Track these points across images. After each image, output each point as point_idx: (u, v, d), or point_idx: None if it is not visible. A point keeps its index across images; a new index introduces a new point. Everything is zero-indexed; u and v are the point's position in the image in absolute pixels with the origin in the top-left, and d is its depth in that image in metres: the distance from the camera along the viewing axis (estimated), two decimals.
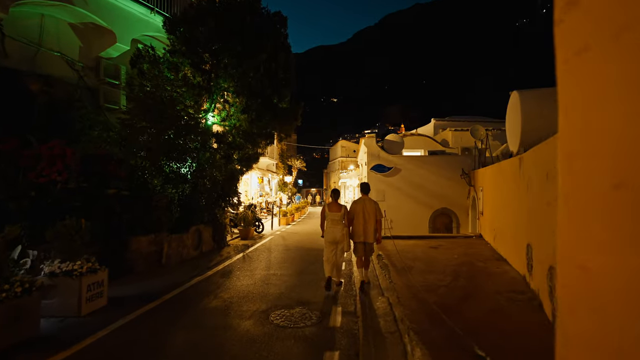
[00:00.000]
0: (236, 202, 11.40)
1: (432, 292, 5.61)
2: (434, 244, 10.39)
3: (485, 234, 10.62)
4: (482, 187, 11.28)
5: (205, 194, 9.87)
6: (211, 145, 9.58)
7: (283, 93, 10.38)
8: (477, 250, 9.09)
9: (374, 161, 14.43)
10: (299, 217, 23.36)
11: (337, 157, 44.65)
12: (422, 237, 11.72)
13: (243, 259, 9.28)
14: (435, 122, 21.91)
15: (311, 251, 10.42)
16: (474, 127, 15.70)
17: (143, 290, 6.34)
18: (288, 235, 14.34)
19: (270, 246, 11.32)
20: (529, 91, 7.13)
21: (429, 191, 14.28)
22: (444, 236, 11.93)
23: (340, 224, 6.36)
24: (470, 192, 13.69)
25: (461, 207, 14.13)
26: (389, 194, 14.34)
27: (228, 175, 10.48)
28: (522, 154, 6.36)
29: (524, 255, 6.01)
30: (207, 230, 10.25)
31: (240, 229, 13.03)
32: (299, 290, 6.27)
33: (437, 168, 14.33)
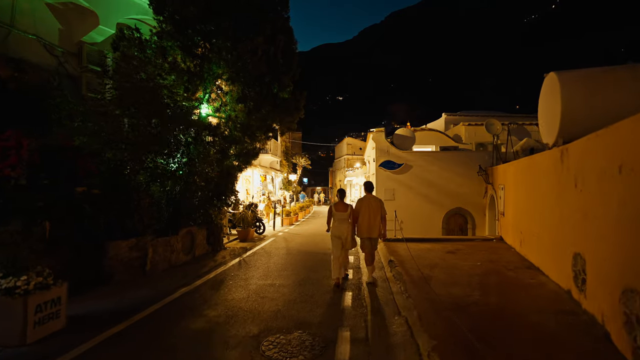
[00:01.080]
0: (233, 201, 10.46)
1: (461, 311, 4.61)
2: (451, 247, 9.37)
3: (508, 237, 9.57)
4: (503, 185, 10.22)
5: (198, 193, 8.94)
6: (204, 138, 8.64)
7: (283, 81, 9.41)
8: (502, 256, 8.05)
9: (383, 157, 13.42)
10: (303, 216, 22.42)
11: (342, 154, 43.60)
12: (436, 240, 10.69)
13: (239, 265, 8.34)
14: (447, 117, 20.82)
15: (314, 255, 9.45)
16: (489, 121, 14.69)
17: (117, 304, 5.41)
18: (290, 237, 13.38)
19: (270, 250, 10.37)
20: (570, 72, 6.08)
21: (442, 189, 13.24)
22: (460, 239, 10.89)
23: (347, 223, 6.63)
24: (487, 190, 12.63)
25: (477, 206, 13.08)
26: (399, 193, 13.33)
27: (224, 172, 9.55)
28: (567, 145, 5.32)
29: (569, 266, 4.99)
30: (200, 233, 9.32)
31: (239, 230, 12.10)
32: (299, 306, 5.30)
33: (451, 164, 13.29)
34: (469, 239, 10.76)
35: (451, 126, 20.28)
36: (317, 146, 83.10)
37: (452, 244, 10.04)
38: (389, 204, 13.77)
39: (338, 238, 6.56)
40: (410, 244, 9.83)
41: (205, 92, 8.83)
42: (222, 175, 9.45)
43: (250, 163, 10.92)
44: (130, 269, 6.88)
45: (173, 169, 7.83)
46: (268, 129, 10.04)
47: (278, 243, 11.68)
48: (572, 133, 5.78)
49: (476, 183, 12.99)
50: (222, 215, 10.31)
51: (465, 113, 21.35)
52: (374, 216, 6.72)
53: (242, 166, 10.73)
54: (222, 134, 9.39)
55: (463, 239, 10.83)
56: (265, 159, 22.28)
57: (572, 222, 4.98)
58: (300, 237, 13.33)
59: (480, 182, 12.95)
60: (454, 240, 10.72)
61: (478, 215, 13.08)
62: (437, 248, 9.39)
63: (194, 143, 8.24)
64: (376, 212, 6.76)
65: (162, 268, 7.63)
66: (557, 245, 5.63)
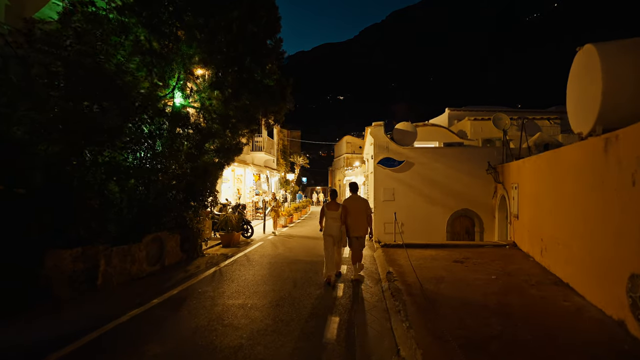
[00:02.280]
0: (211, 202, 9.30)
1: (479, 350, 3.44)
2: (458, 255, 8.20)
3: (523, 243, 8.39)
4: (517, 184, 9.04)
5: (167, 193, 7.78)
6: (175, 130, 7.48)
7: (266, 64, 8.25)
8: (520, 268, 6.86)
9: (381, 154, 12.24)
10: (298, 217, 21.24)
11: (342, 153, 42.42)
12: (441, 246, 9.51)
13: (212, 277, 7.17)
14: (450, 112, 19.60)
15: (302, 265, 8.28)
16: (497, 115, 13.52)
17: (38, 335, 4.25)
18: (281, 241, 12.21)
19: (253, 257, 9.20)
20: (613, 43, 4.89)
21: (447, 189, 12.06)
22: (468, 245, 9.71)
23: (338, 221, 6.95)
24: (496, 190, 11.45)
25: (485, 207, 11.90)
26: (400, 193, 12.16)
27: (199, 170, 8.38)
28: (616, 132, 4.13)
29: (622, 291, 3.81)
30: (172, 239, 8.16)
31: (222, 234, 10.93)
32: (269, 339, 4.12)
33: (456, 162, 12.10)
34: (478, 245, 9.58)
35: (455, 122, 19.07)
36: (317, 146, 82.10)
37: (460, 250, 8.86)
38: (388, 205, 12.66)
39: (330, 236, 6.88)
40: (412, 251, 8.66)
41: (174, 76, 7.65)
42: (197, 173, 8.28)
43: (232, 160, 9.75)
44: (75, 284, 5.72)
45: (133, 165, 6.65)
46: (251, 121, 8.86)
47: (265, 249, 10.51)
48: (614, 119, 4.62)
49: (484, 182, 11.82)
50: (200, 218, 9.14)
51: (470, 108, 20.15)
52: (359, 216, 7.07)
53: (224, 163, 9.56)
54: (198, 126, 8.22)
55: (471, 245, 9.64)
56: (259, 157, 21.13)
57: (627, 232, 3.80)
58: (291, 241, 12.16)
59: (489, 180, 11.77)
60: (461, 246, 9.54)
61: (486, 217, 11.90)
62: (442, 256, 8.21)
63: (159, 136, 7.08)
64: (361, 211, 7.09)
65: (120, 281, 6.47)
66: (602, 261, 4.44)
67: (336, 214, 6.94)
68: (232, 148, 9.64)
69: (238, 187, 18.91)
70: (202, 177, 8.50)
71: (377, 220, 12.10)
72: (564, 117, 16.82)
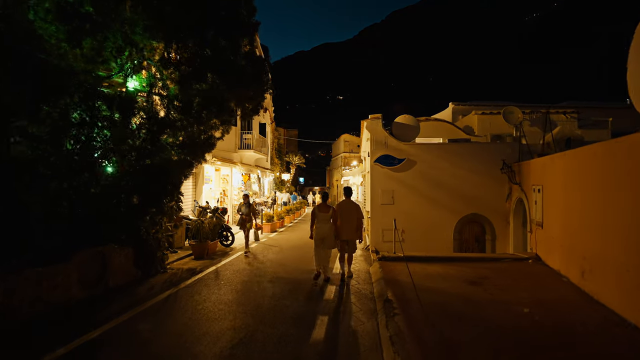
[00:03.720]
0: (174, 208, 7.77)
1: None
2: (472, 273, 6.66)
3: (551, 257, 6.86)
4: (541, 186, 7.51)
5: (113, 198, 6.24)
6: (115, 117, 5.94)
7: (236, 39, 6.72)
8: (557, 295, 5.30)
9: (379, 151, 10.70)
10: (290, 221, 19.69)
11: (339, 152, 40.89)
12: (449, 260, 7.98)
13: (163, 304, 5.62)
14: (454, 107, 18.05)
15: (282, 285, 6.73)
16: (508, 108, 12.07)
17: None
18: (264, 250, 10.67)
19: (225, 274, 7.66)
20: None
21: (454, 191, 10.53)
22: (482, 258, 8.17)
23: (328, 223, 7.13)
24: (511, 192, 9.92)
25: (498, 212, 10.37)
26: (400, 195, 10.62)
27: (155, 169, 6.84)
28: None
29: None
30: (120, 254, 6.62)
31: (193, 244, 9.37)
32: None
33: (465, 160, 10.57)
34: (493, 259, 8.03)
35: (460, 117, 17.54)
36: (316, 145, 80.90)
37: (472, 265, 7.32)
38: (387, 209, 11.08)
39: (320, 238, 7.06)
40: (415, 266, 7.12)
41: (122, 53, 6.09)
42: (152, 172, 6.74)
43: (202, 157, 8.20)
44: None
45: (50, 162, 5.10)
46: (221, 109, 7.30)
47: (242, 261, 8.96)
48: None
49: (497, 183, 10.30)
50: (159, 227, 7.59)
51: (476, 103, 18.61)
52: (350, 220, 7.23)
53: (192, 161, 8.01)
54: (152, 115, 6.68)
55: (485, 259, 8.10)
56: (248, 155, 19.58)
57: None
58: (277, 251, 10.61)
59: (502, 181, 10.25)
60: (474, 259, 8.01)
61: (499, 224, 10.37)
62: (452, 273, 6.67)
63: (90, 124, 5.53)
64: (352, 216, 7.25)
65: (31, 314, 4.92)
66: None
67: (327, 215, 7.15)
68: (201, 143, 8.11)
69: (224, 188, 17.37)
70: (159, 177, 6.95)
71: (375, 226, 10.57)
72: (582, 111, 15.32)
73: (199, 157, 8.14)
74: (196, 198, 13.85)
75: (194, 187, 14.00)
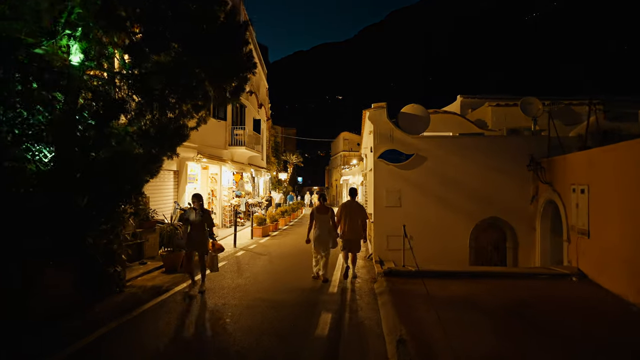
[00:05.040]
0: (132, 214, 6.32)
1: None
2: (505, 296, 5.23)
3: (607, 276, 5.43)
4: (587, 185, 6.07)
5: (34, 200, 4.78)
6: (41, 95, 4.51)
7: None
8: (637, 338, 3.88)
9: (384, 145, 9.27)
10: (285, 223, 18.23)
11: (339, 151, 39.42)
12: (473, 276, 6.53)
13: (93, 349, 4.17)
14: (463, 100, 16.57)
15: (263, 312, 5.28)
16: (527, 99, 10.72)
17: None
18: (250, 260, 9.22)
19: (198, 296, 6.21)
20: None
21: (470, 191, 9.12)
22: (511, 273, 6.72)
23: (327, 224, 7.15)
24: (539, 192, 8.50)
25: (521, 215, 8.96)
26: (408, 196, 9.19)
27: (105, 164, 5.40)
28: None
29: None
30: (56, 273, 5.16)
31: (165, 253, 7.91)
32: None
33: (482, 155, 9.16)
34: (525, 274, 6.57)
35: (469, 111, 16.07)
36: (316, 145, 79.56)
37: (503, 285, 5.88)
38: (392, 212, 9.60)
39: (319, 240, 7.07)
40: (431, 284, 5.67)
41: (59, 17, 4.65)
42: (98, 170, 5.29)
43: (171, 150, 6.74)
44: None
45: None
46: (191, 89, 5.85)
47: (222, 275, 7.51)
48: None
49: (520, 182, 8.91)
50: (115, 236, 6.13)
51: (486, 95, 17.16)
52: (354, 220, 7.25)
53: (158, 155, 6.55)
54: (99, 93, 5.23)
55: (516, 274, 6.65)
56: (240, 152, 18.11)
57: None
58: (264, 261, 9.16)
59: (527, 180, 8.86)
60: (502, 275, 6.56)
61: (522, 229, 8.95)
62: (481, 297, 5.22)
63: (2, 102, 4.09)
64: (357, 216, 7.30)
65: None
66: None
67: (326, 217, 7.17)
68: (171, 134, 6.66)
69: (212, 188, 15.90)
70: (112, 175, 5.49)
71: (378, 232, 9.12)
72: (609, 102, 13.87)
73: (166, 150, 6.68)
74: (178, 199, 12.39)
75: (176, 187, 12.54)
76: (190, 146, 12.59)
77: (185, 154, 12.33)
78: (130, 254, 7.98)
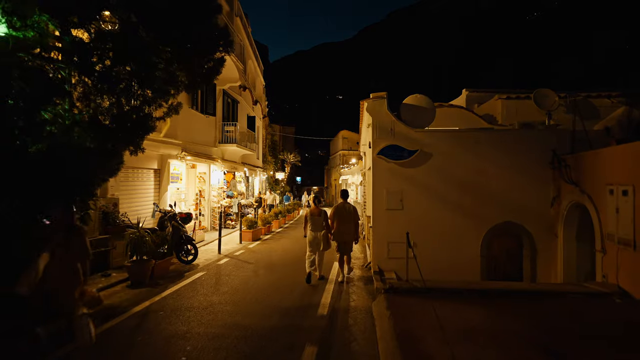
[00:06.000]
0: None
1: None
2: (535, 326, 4.15)
3: None
4: (633, 186, 4.98)
5: None
6: None
7: None
8: None
9: (384, 140, 8.19)
10: (279, 225, 17.17)
11: (338, 150, 38.33)
12: (492, 295, 5.43)
13: None
14: (469, 94, 15.40)
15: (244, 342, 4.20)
16: (541, 91, 9.71)
17: None
18: (235, 270, 8.14)
19: (158, 317, 5.14)
20: None
21: (482, 192, 8.07)
22: (537, 291, 5.63)
23: (321, 226, 7.30)
24: (561, 193, 7.43)
25: (540, 220, 7.91)
26: (411, 197, 8.12)
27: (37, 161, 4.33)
28: None
29: None
30: None
31: (130, 265, 6.83)
32: None
33: (496, 151, 8.11)
34: (554, 293, 5.48)
35: (475, 106, 14.96)
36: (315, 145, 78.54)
37: (529, 309, 4.80)
38: (394, 216, 8.43)
39: (312, 242, 7.22)
40: (442, 306, 4.61)
41: None
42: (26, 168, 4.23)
43: (133, 144, 5.68)
44: None
45: None
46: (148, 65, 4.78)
47: (196, 292, 6.43)
48: None
49: (538, 181, 7.85)
50: None
51: (494, 89, 16.05)
52: (347, 223, 7.46)
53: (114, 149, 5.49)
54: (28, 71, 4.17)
55: (543, 292, 5.55)
56: (232, 150, 17.03)
57: None
58: (250, 272, 8.08)
59: (546, 179, 7.79)
60: (526, 293, 5.48)
61: (542, 236, 7.87)
62: (508, 326, 4.13)
63: None
64: (349, 218, 7.50)
65: None
66: None
67: (320, 219, 7.29)
68: (132, 124, 5.61)
69: (201, 188, 14.82)
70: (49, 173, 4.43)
71: (378, 238, 8.04)
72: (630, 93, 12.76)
73: (125, 143, 5.61)
74: (159, 200, 11.32)
75: (157, 187, 11.47)
76: (173, 142, 11.53)
77: (166, 150, 11.27)
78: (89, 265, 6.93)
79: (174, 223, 8.64)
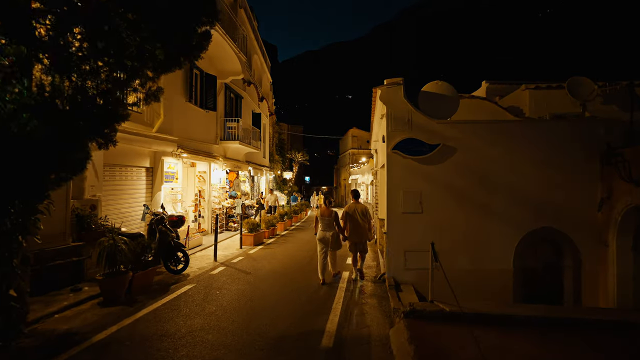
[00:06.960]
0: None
1: None
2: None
3: None
4: None
5: None
6: None
7: None
8: None
9: (400, 133, 7.08)
10: (284, 228, 16.12)
11: (347, 149, 37.15)
12: (541, 323, 4.28)
13: None
14: (489, 86, 14.12)
15: None
16: (575, 79, 8.63)
17: None
18: (228, 282, 7.11)
19: (122, 351, 4.12)
20: None
21: (515, 194, 6.93)
22: (599, 321, 4.46)
23: (331, 226, 7.23)
24: (613, 195, 6.24)
25: (585, 226, 6.72)
26: (431, 198, 6.99)
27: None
28: None
29: None
30: None
31: (103, 280, 5.81)
32: None
33: (533, 146, 6.93)
34: (622, 322, 4.32)
35: (497, 99, 13.72)
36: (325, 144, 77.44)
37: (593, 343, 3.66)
38: (411, 220, 7.01)
39: (324, 243, 7.14)
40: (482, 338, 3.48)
41: None
42: None
43: (100, 135, 4.70)
44: None
45: None
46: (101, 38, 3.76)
47: (179, 309, 5.41)
48: None
49: (583, 180, 6.67)
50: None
51: (516, 81, 14.76)
52: (359, 222, 7.31)
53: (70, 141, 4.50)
54: None
55: (606, 322, 4.38)
56: (234, 148, 16.02)
57: None
58: (246, 284, 7.03)
59: (592, 178, 6.61)
60: (585, 323, 4.31)
61: (587, 245, 6.70)
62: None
63: None
64: (362, 219, 7.33)
65: None
66: None
67: (330, 219, 7.23)
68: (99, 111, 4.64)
69: (200, 188, 13.85)
70: None
71: (393, 246, 6.94)
72: None
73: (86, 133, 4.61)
74: (152, 201, 10.36)
75: (149, 187, 10.51)
76: (167, 138, 10.54)
77: (160, 147, 10.28)
78: (58, 278, 5.97)
79: (162, 227, 7.64)
